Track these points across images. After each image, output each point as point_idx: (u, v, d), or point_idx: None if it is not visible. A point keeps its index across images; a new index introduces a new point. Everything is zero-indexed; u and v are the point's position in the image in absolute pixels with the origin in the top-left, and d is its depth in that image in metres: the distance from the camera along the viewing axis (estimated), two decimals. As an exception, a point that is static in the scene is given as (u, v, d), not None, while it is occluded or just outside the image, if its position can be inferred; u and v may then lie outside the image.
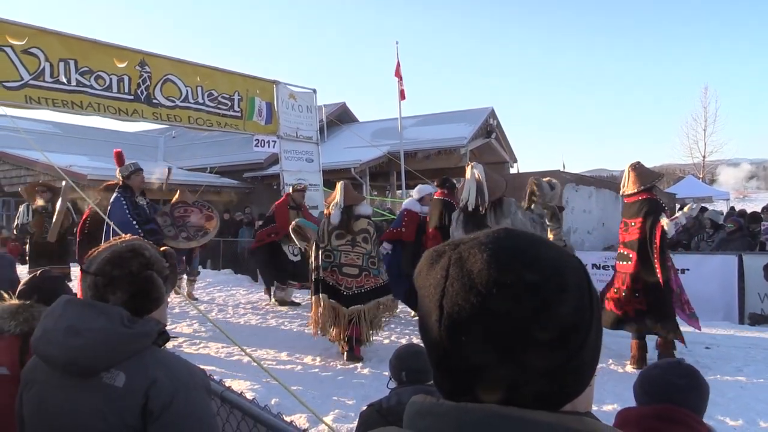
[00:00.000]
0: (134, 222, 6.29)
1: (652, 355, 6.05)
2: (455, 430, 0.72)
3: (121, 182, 6.69)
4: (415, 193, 8.65)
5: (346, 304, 6.28)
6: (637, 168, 6.25)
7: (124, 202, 6.49)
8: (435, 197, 7.84)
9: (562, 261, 0.77)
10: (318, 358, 6.37)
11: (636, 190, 6.12)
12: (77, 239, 7.78)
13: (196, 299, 9.83)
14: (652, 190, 6.22)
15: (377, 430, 0.81)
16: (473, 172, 6.22)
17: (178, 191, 9.24)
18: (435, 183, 8.14)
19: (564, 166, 41.42)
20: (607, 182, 19.78)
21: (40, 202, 7.84)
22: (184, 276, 9.48)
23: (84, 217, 7.89)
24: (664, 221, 5.87)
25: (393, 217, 14.70)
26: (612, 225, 14.90)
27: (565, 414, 0.74)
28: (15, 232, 7.90)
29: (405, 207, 8.47)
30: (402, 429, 0.78)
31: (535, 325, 0.72)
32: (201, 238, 5.93)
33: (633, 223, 6.08)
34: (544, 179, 6.81)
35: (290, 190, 9.63)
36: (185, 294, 9.40)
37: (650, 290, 5.93)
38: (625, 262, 6.14)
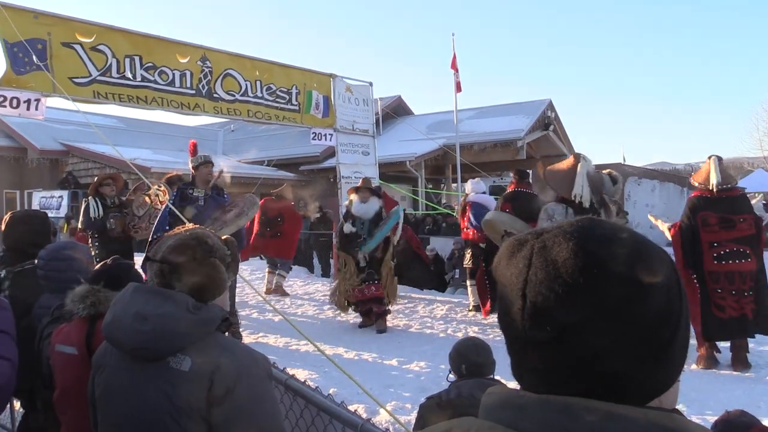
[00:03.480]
0: (168, 217, 6.36)
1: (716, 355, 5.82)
2: (538, 424, 0.69)
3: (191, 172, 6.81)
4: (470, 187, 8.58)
5: None
6: (722, 162, 5.95)
7: (174, 195, 6.65)
8: (518, 190, 7.66)
9: (650, 251, 0.75)
10: (374, 350, 6.39)
11: (733, 185, 5.83)
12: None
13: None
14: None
15: (455, 421, 0.78)
16: (584, 165, 5.86)
17: (284, 185, 9.56)
18: (513, 175, 7.97)
19: (624, 159, 40.18)
20: (671, 175, 19.13)
21: (108, 192, 7.90)
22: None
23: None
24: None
25: (446, 211, 14.63)
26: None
27: (653, 410, 0.70)
28: (81, 225, 7.93)
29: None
30: (479, 419, 0.75)
31: (624, 317, 0.69)
32: (218, 231, 5.89)
33: (743, 219, 5.70)
34: (605, 171, 6.58)
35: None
36: (272, 287, 9.78)
37: (760, 288, 5.66)
38: (742, 260, 5.66)
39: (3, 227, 3.51)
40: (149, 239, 6.33)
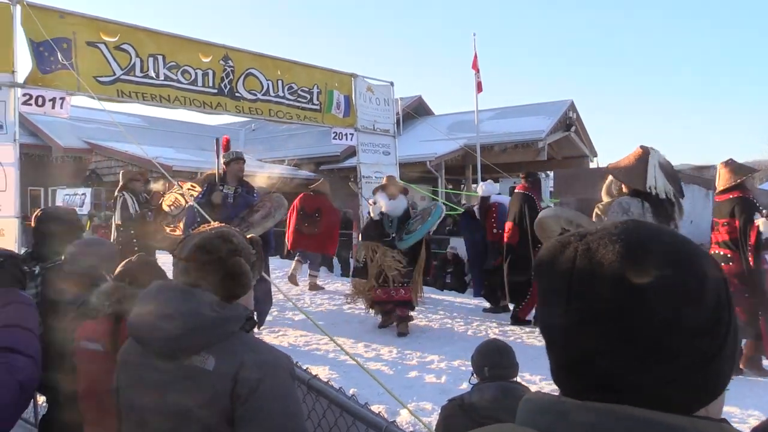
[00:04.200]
0: (197, 216, 6.40)
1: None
2: (580, 430, 0.67)
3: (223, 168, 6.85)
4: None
5: None
6: (729, 164, 5.86)
7: (203, 191, 6.69)
8: (516, 191, 7.68)
9: (699, 255, 0.72)
10: (394, 350, 6.37)
11: (726, 187, 5.73)
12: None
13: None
14: (743, 186, 5.83)
15: (494, 426, 0.76)
16: (654, 155, 5.54)
17: (321, 181, 9.92)
18: (521, 176, 7.95)
19: (647, 161, 39.54)
20: (696, 177, 18.82)
21: (139, 187, 8.08)
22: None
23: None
24: (760, 221, 5.51)
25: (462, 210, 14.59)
26: (701, 222, 14.14)
27: (700, 419, 0.67)
28: (119, 221, 7.96)
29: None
30: (518, 426, 0.73)
31: (673, 323, 0.67)
32: (244, 232, 5.87)
33: (725, 223, 5.69)
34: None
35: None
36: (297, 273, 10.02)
37: (740, 294, 5.52)
38: (721, 263, 5.68)
39: (33, 224, 3.54)
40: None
